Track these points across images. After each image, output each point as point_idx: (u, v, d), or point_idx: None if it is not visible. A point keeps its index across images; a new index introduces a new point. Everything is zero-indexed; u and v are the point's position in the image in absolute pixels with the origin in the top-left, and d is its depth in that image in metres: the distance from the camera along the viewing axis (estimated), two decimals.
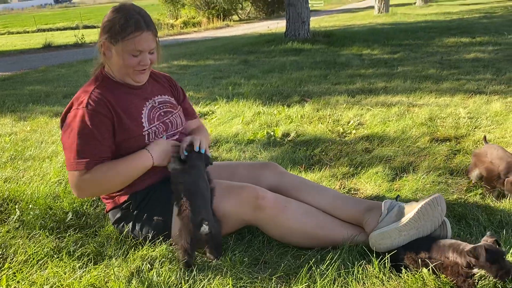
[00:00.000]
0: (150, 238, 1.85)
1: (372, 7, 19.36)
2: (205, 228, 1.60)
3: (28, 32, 26.68)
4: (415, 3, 22.17)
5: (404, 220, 1.68)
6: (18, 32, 26.94)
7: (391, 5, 19.08)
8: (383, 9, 17.40)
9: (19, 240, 1.97)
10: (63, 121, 1.84)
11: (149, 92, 1.95)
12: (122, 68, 1.82)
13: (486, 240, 1.50)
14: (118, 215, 1.92)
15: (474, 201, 2.15)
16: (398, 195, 2.06)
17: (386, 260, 1.64)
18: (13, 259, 1.85)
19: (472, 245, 1.48)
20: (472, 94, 4.10)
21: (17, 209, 2.24)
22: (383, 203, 1.81)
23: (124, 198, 1.89)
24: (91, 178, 1.73)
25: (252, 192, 1.79)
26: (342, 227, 1.83)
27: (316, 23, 13.69)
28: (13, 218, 2.17)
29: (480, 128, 3.17)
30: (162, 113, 1.94)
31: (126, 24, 1.73)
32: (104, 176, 1.76)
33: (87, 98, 1.76)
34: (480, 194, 2.20)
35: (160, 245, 1.83)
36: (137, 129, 1.83)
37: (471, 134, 3.06)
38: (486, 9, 15.51)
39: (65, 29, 26.87)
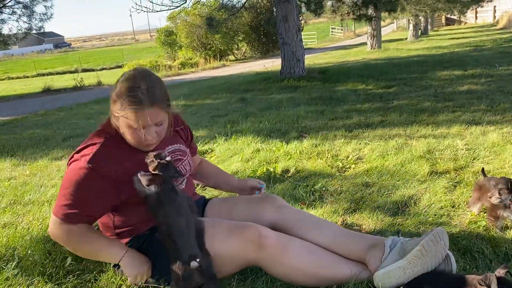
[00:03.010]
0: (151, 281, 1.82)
1: (365, 44, 19.87)
2: (194, 263, 1.59)
3: (28, 77, 27.17)
4: (406, 38, 22.77)
5: (408, 257, 1.67)
6: (18, 77, 27.44)
7: (383, 41, 19.57)
8: (375, 45, 17.84)
9: None
10: (71, 158, 1.81)
11: (159, 145, 1.88)
12: (129, 140, 1.77)
13: (499, 271, 1.49)
14: None
15: (478, 233, 2.13)
16: (399, 230, 2.05)
17: None
18: None
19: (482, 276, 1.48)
20: (468, 126, 4.14)
21: (15, 255, 2.21)
22: (385, 241, 1.79)
23: (125, 240, 1.88)
24: (65, 233, 1.76)
25: (255, 231, 1.77)
26: (346, 265, 1.80)
27: (310, 60, 13.98)
28: (11, 264, 2.13)
29: (478, 159, 3.19)
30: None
31: (127, 99, 1.65)
32: (77, 241, 1.80)
33: (92, 154, 1.71)
34: (484, 226, 2.19)
35: None
36: None
37: (470, 165, 3.07)
38: (476, 42, 15.91)
39: (64, 73, 27.43)
